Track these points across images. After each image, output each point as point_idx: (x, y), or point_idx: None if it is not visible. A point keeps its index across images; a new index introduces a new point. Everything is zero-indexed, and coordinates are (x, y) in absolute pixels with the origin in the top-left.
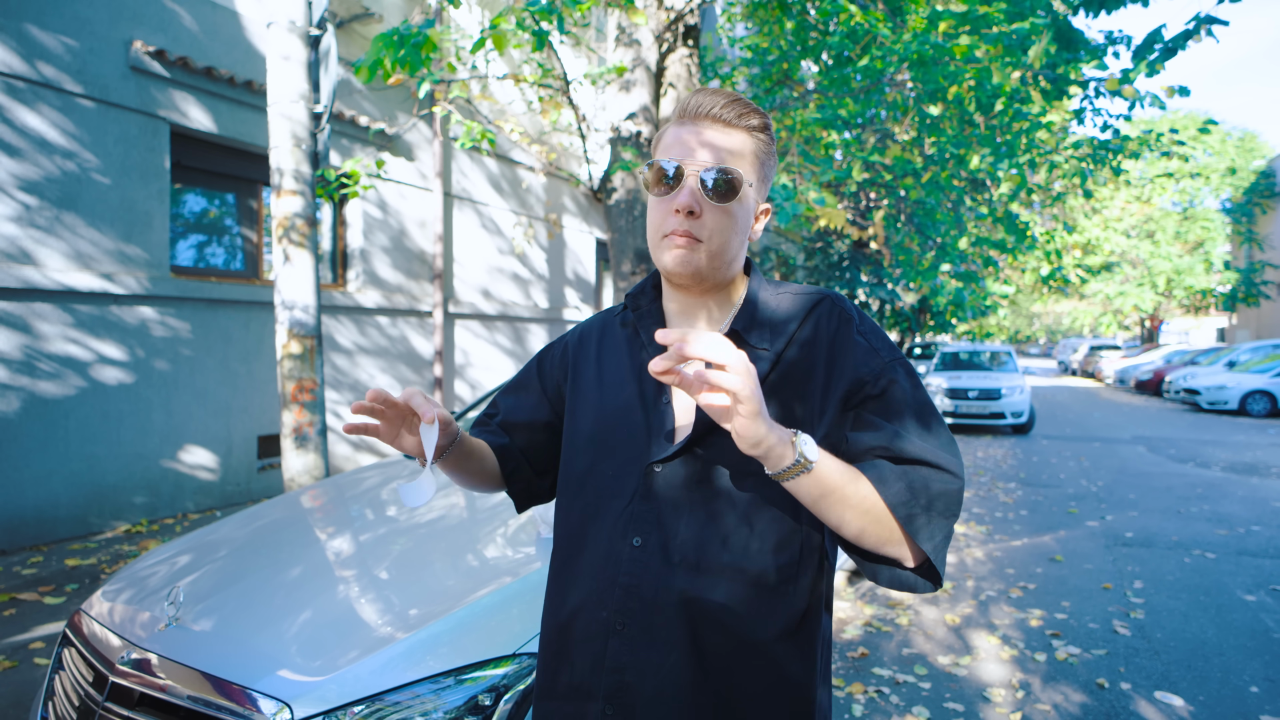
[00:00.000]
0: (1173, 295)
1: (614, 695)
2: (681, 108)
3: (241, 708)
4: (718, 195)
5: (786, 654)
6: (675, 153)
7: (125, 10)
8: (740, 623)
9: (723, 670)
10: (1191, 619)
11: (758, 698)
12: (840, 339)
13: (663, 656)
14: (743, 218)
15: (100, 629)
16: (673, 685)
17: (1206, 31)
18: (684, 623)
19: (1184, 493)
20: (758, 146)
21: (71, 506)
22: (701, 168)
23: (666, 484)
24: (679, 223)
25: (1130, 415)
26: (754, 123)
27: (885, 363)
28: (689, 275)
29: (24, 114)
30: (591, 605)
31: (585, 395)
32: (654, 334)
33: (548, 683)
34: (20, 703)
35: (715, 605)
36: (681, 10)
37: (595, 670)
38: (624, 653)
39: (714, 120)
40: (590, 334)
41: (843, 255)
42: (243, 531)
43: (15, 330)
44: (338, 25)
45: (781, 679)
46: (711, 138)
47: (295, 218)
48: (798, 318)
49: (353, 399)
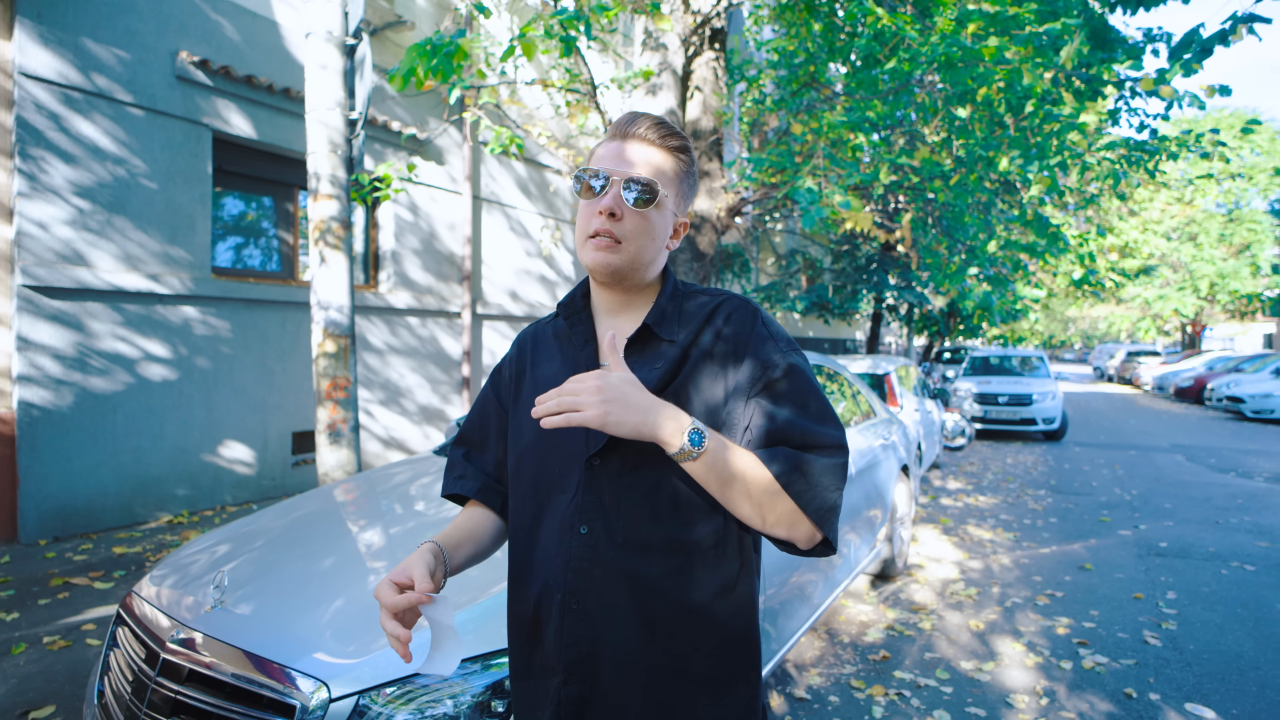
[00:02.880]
0: (1216, 300)
1: (574, 667)
2: (614, 126)
3: (281, 685)
4: (638, 202)
5: (724, 610)
6: (604, 164)
7: (172, 22)
8: (680, 589)
9: (668, 633)
10: (1227, 631)
11: (701, 650)
12: (744, 332)
13: (614, 628)
14: (660, 225)
15: (151, 610)
16: (625, 652)
17: (1248, 29)
18: (631, 596)
19: (1223, 503)
20: (677, 166)
21: (118, 497)
22: (625, 176)
23: (605, 474)
24: (602, 223)
25: (1169, 423)
26: (675, 144)
27: (783, 352)
28: (608, 274)
29: (79, 123)
30: (550, 588)
31: (526, 401)
32: (578, 350)
33: (522, 664)
34: (75, 679)
35: (657, 576)
36: (708, 14)
37: (557, 647)
38: (580, 628)
39: (640, 139)
40: (525, 345)
41: (870, 258)
42: (280, 522)
43: (69, 328)
44: (371, 33)
45: (721, 632)
46: (636, 153)
47: (331, 221)
48: (704, 313)
49: (384, 398)
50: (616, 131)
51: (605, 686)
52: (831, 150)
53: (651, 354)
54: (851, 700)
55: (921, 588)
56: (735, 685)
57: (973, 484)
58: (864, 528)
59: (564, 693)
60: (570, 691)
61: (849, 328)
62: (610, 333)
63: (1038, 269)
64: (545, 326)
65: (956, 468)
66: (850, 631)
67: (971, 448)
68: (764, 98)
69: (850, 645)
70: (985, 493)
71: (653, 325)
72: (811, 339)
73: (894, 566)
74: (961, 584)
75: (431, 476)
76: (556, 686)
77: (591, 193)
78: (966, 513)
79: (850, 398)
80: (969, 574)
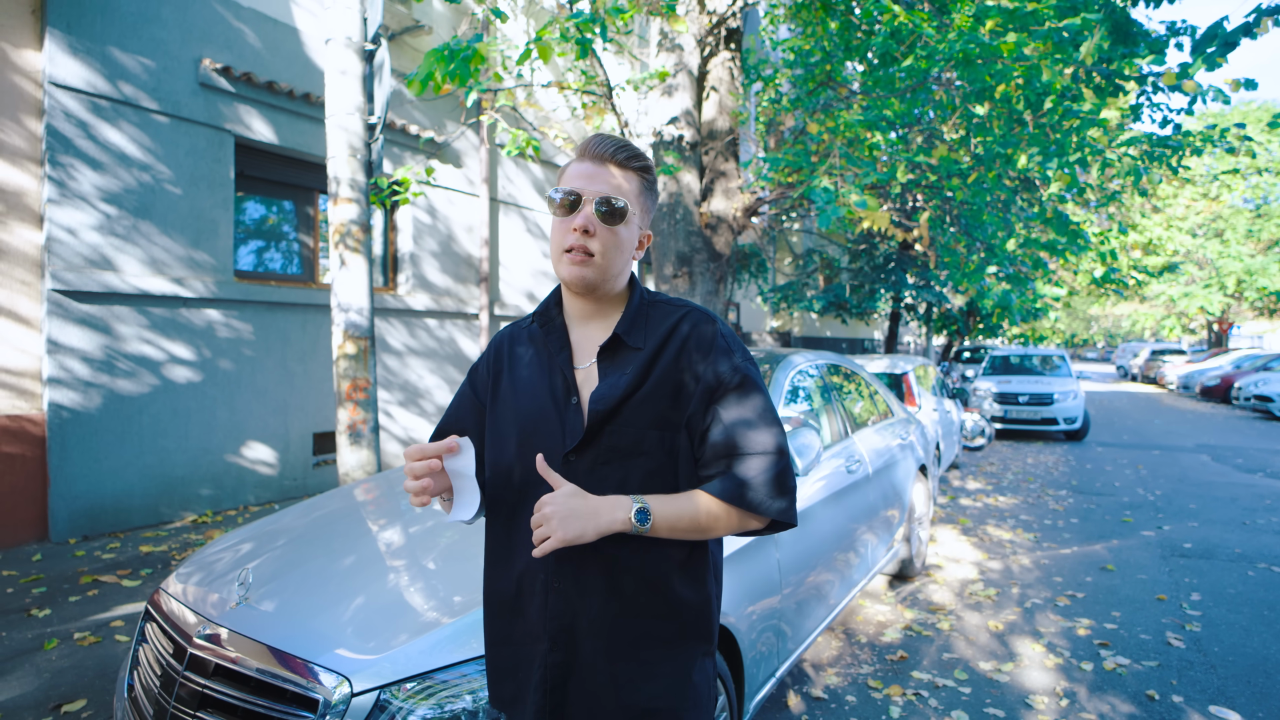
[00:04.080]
0: (1244, 297)
1: (558, 636)
2: (583, 149)
3: (305, 680)
4: (608, 219)
5: (680, 581)
6: (576, 183)
7: (195, 31)
8: (646, 565)
9: (634, 604)
10: (1253, 633)
11: (661, 616)
12: (704, 342)
13: (589, 603)
14: (628, 240)
15: (178, 606)
16: (600, 622)
17: (1274, 21)
18: (603, 574)
19: (1250, 504)
20: (641, 184)
21: (145, 497)
22: (596, 196)
23: (581, 468)
24: (576, 239)
25: (1194, 423)
26: (638, 165)
27: (738, 364)
28: (582, 285)
29: (107, 130)
30: (532, 571)
31: (505, 401)
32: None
33: (501, 633)
34: (105, 673)
35: (626, 555)
36: (724, 14)
37: (541, 619)
38: (561, 604)
39: (608, 160)
40: (503, 347)
41: (888, 257)
42: (302, 521)
43: (97, 331)
44: (389, 38)
45: (677, 600)
46: (605, 174)
47: (351, 224)
48: (669, 323)
49: (403, 399)
50: (585, 153)
51: (583, 652)
52: (848, 149)
53: (621, 360)
54: (869, 700)
55: (940, 588)
56: (688, 642)
57: (992, 484)
58: (881, 528)
59: (550, 658)
60: (556, 657)
61: (867, 327)
62: (539, 455)
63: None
64: (521, 330)
65: (976, 468)
66: (868, 631)
67: (991, 448)
68: (780, 97)
69: (868, 645)
70: (1005, 493)
71: (622, 335)
72: (829, 339)
73: (912, 567)
74: (980, 584)
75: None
76: (544, 652)
77: (565, 210)
78: (986, 513)
79: (867, 397)
80: (988, 574)
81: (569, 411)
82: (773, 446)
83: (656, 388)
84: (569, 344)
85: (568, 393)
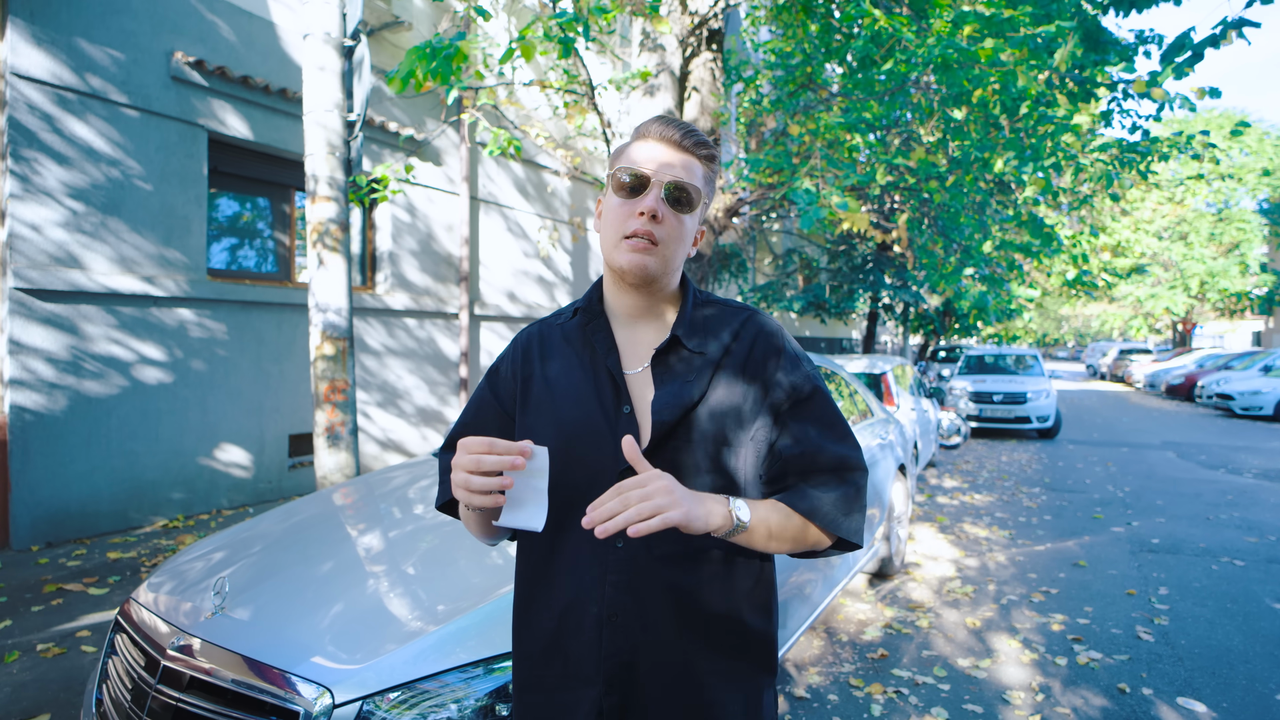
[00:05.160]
0: (1206, 298)
1: (615, 678)
2: (645, 129)
3: (282, 690)
4: (678, 205)
5: (748, 607)
6: (645, 165)
7: (166, 22)
8: (713, 594)
9: (701, 634)
10: (1217, 626)
11: (726, 645)
12: (772, 352)
13: (655, 636)
14: (691, 231)
15: (150, 616)
16: (666, 657)
17: (1238, 34)
18: (670, 606)
19: (1214, 499)
20: (707, 174)
21: (113, 501)
22: (668, 178)
23: None
24: (642, 224)
25: (1160, 420)
26: (706, 153)
27: (808, 373)
28: (641, 275)
29: (73, 124)
30: (581, 602)
31: (540, 408)
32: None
33: (533, 678)
34: (71, 686)
35: (693, 584)
36: (705, 15)
37: (591, 658)
38: (620, 639)
39: (676, 145)
40: (531, 346)
41: (866, 258)
42: (280, 527)
43: (62, 331)
44: (368, 34)
45: (745, 628)
46: (675, 157)
47: (329, 223)
48: (731, 329)
49: (381, 400)
50: (652, 134)
51: (645, 693)
52: (828, 151)
53: (680, 366)
54: (850, 698)
55: (919, 586)
56: (757, 675)
57: (968, 482)
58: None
59: (606, 702)
60: (612, 701)
61: (845, 327)
62: (627, 436)
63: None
64: (552, 328)
65: (952, 466)
66: (849, 630)
67: (967, 446)
68: (761, 98)
69: (849, 644)
70: (981, 491)
71: (682, 337)
72: (808, 338)
73: (891, 565)
74: (958, 582)
75: (430, 479)
76: (594, 698)
77: (628, 193)
78: (962, 511)
79: (848, 397)
80: (965, 572)
81: (620, 421)
82: (849, 461)
83: (724, 398)
84: (615, 346)
85: (618, 400)
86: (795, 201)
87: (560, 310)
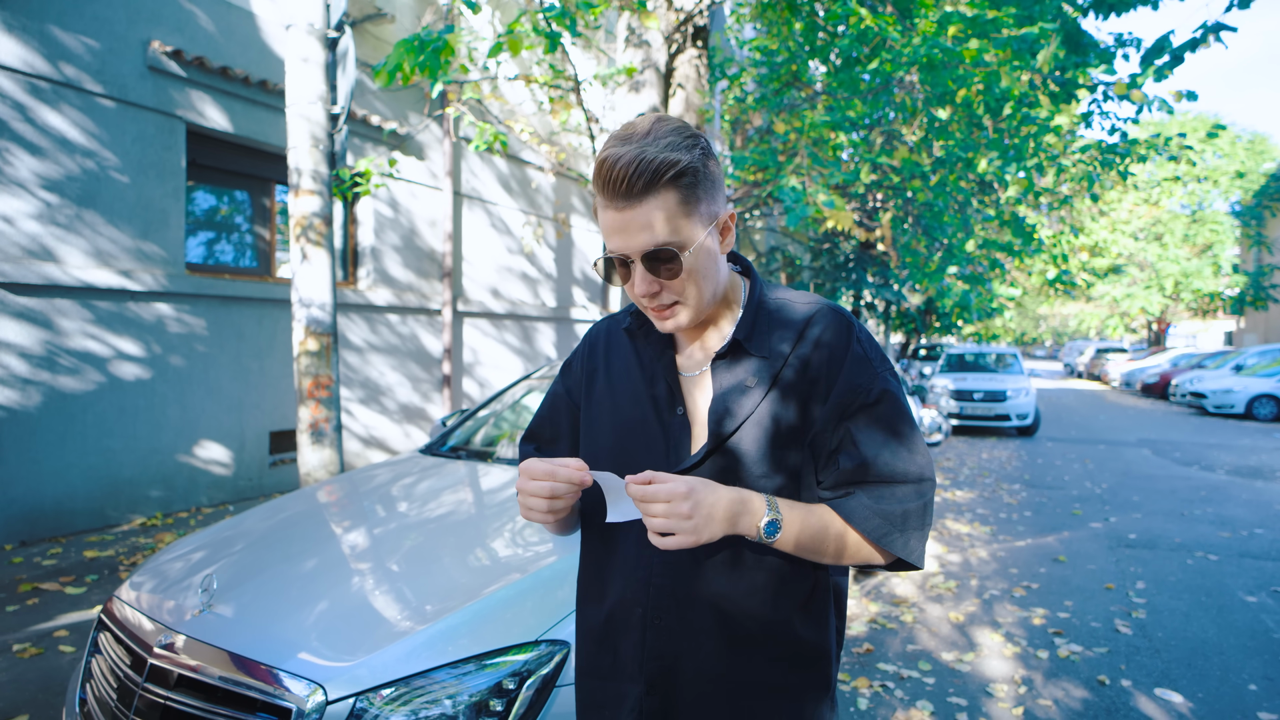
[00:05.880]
0: (1180, 298)
1: (656, 680)
2: (598, 187)
3: (270, 687)
4: (667, 269)
5: (802, 623)
6: (613, 242)
7: (143, 11)
8: (763, 606)
9: (750, 647)
10: (1193, 619)
11: (778, 661)
12: (839, 349)
13: (698, 643)
14: (703, 260)
15: (135, 614)
16: (708, 666)
17: (1215, 38)
18: (715, 613)
19: (1188, 495)
20: (681, 191)
21: (89, 499)
22: (640, 252)
23: None
24: (649, 302)
25: (1136, 418)
26: (671, 174)
27: (878, 373)
28: (678, 331)
29: (46, 114)
30: (628, 601)
31: (600, 404)
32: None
33: (591, 664)
34: (49, 687)
35: (741, 595)
36: (691, 11)
37: (636, 658)
38: (663, 643)
39: (625, 202)
40: (598, 342)
41: (849, 256)
42: (265, 524)
43: (37, 326)
44: (351, 25)
45: (799, 644)
46: (630, 219)
47: (313, 217)
48: (798, 326)
49: (364, 396)
50: (604, 195)
51: (686, 699)
52: (813, 149)
53: (741, 368)
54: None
55: (903, 581)
56: (807, 690)
57: (950, 479)
58: None
59: (646, 703)
60: (652, 703)
61: None
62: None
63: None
64: (619, 327)
65: (934, 463)
66: None
67: (948, 443)
68: (745, 96)
69: None
70: (962, 487)
71: (743, 340)
72: None
73: None
74: (941, 577)
75: (415, 476)
76: (639, 695)
77: (619, 273)
78: (944, 507)
79: None
80: (948, 567)
81: (673, 423)
82: (914, 474)
83: (784, 401)
84: (673, 345)
85: (671, 402)
86: (781, 199)
87: (631, 304)
